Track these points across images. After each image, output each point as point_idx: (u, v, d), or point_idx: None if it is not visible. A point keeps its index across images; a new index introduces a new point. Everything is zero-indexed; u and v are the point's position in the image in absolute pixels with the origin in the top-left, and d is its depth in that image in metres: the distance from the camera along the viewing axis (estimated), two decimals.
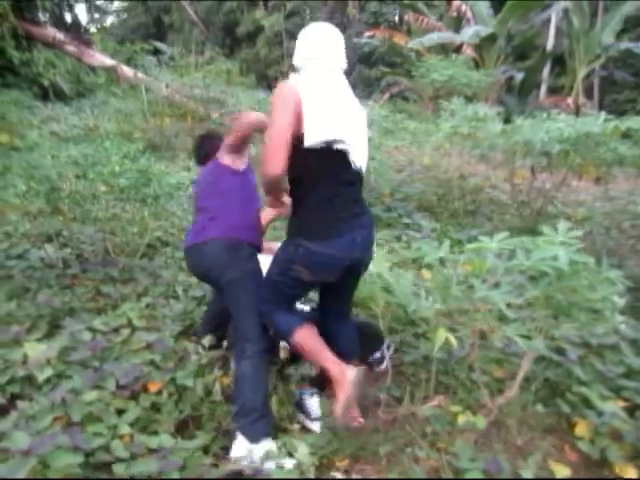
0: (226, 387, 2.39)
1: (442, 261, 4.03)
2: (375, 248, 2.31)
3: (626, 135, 3.99)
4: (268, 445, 2.05)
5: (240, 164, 2.46)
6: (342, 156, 2.01)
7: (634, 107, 15.88)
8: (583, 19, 13.58)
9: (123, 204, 3.42)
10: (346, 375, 2.04)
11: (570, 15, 13.93)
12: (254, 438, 2.04)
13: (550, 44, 19.73)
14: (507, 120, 5.81)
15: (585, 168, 4.22)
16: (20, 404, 1.94)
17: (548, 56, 16.61)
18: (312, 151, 1.95)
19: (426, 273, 4.13)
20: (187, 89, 9.11)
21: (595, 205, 5.62)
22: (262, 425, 2.09)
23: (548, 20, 18.58)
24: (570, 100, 14.45)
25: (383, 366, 2.78)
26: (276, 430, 2.22)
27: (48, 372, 2.16)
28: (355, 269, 2.13)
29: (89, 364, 2.34)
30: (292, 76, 2.15)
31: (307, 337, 2.13)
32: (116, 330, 2.68)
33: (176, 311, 3.05)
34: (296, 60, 2.18)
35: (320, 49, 2.11)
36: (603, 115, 3.87)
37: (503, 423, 2.35)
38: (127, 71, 10.03)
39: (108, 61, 10.31)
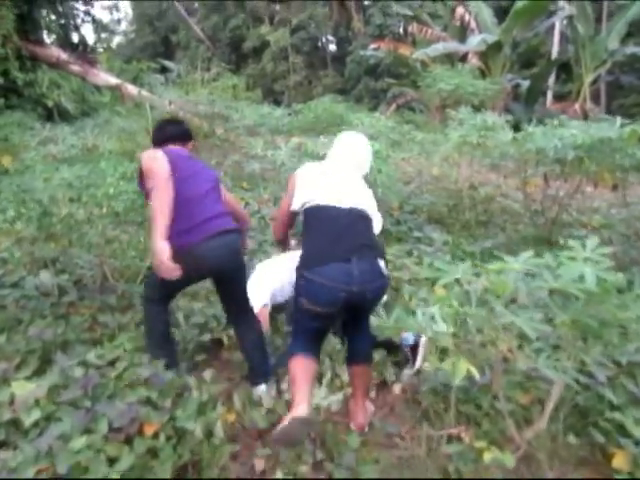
0: (229, 426, 2.22)
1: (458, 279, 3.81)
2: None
3: None
4: None
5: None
6: (320, 209, 2.35)
7: None
8: (588, 25, 13.44)
9: (119, 228, 3.26)
10: (297, 411, 2.05)
11: (575, 21, 13.80)
12: None
13: (555, 51, 19.62)
14: (515, 128, 5.65)
15: (600, 175, 4.03)
16: (2, 454, 1.77)
17: (554, 63, 16.48)
18: (299, 212, 2.49)
19: (439, 290, 3.96)
20: (192, 105, 9.04)
21: (611, 212, 5.41)
22: None
23: (552, 27, 18.49)
24: (577, 106, 14.28)
25: (419, 359, 2.85)
26: None
27: (36, 415, 1.99)
28: (359, 303, 2.24)
29: (80, 404, 2.16)
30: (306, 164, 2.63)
31: (297, 366, 2.24)
32: (112, 363, 2.51)
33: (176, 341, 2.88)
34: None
35: (338, 153, 2.61)
36: (619, 120, 3.68)
37: (533, 457, 2.15)
38: (131, 89, 9.99)
39: (113, 80, 10.28)
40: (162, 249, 2.25)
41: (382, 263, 2.28)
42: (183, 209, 2.39)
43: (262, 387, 2.63)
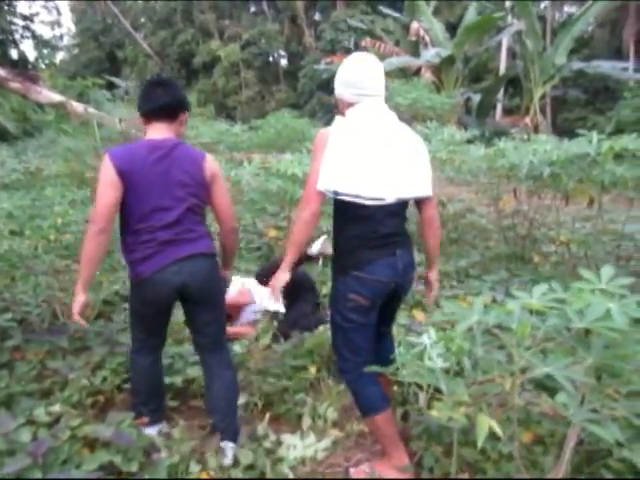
0: None
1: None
2: None
3: (618, 156, 3.75)
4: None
5: None
6: (361, 205, 2.03)
7: (585, 125, 16.21)
8: (537, 41, 13.85)
9: (68, 263, 2.91)
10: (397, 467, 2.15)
11: (524, 37, 14.19)
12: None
13: (502, 66, 20.19)
14: (469, 141, 5.60)
15: (577, 191, 3.97)
16: None
17: (504, 78, 16.93)
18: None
19: (418, 314, 3.79)
20: None
21: (582, 227, 5.40)
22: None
23: (499, 43, 19.04)
24: (528, 119, 14.66)
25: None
26: None
27: None
28: (397, 293, 2.20)
29: (29, 476, 1.84)
30: (336, 120, 2.15)
31: (387, 422, 2.16)
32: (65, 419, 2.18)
33: None
34: (346, 95, 2.15)
35: (371, 84, 2.11)
36: (595, 135, 3.62)
37: None
38: (77, 107, 9.51)
39: (57, 97, 9.76)
40: (77, 302, 2.09)
41: (414, 255, 2.26)
42: (134, 233, 2.08)
43: (229, 445, 2.23)
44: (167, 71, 30.98)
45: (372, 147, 2.06)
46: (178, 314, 3.58)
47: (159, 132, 2.14)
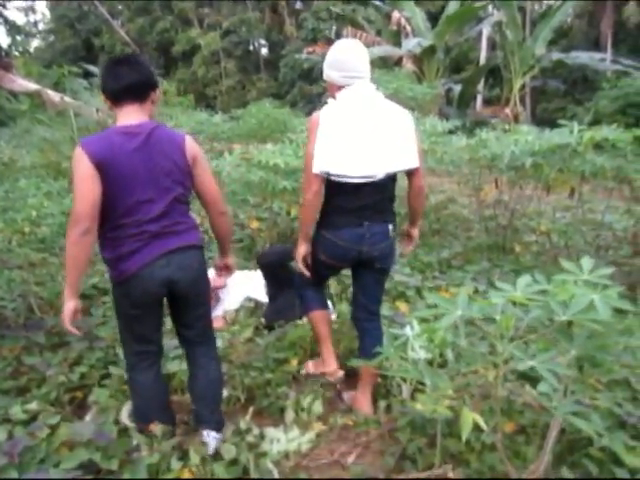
0: None
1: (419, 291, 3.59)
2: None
3: (598, 146, 3.78)
4: None
5: None
6: (347, 184, 2.28)
7: (564, 115, 16.39)
8: (517, 32, 13.90)
9: (45, 256, 2.84)
10: (329, 370, 2.66)
11: (504, 28, 14.23)
12: None
13: (483, 56, 20.27)
14: (450, 132, 5.60)
15: (558, 181, 3.99)
16: None
17: (484, 68, 16.99)
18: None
19: (402, 306, 3.78)
20: None
21: (562, 217, 5.45)
22: None
23: (480, 33, 19.10)
24: (508, 110, 14.75)
25: None
26: None
27: None
28: (367, 260, 2.41)
29: (5, 475, 1.79)
30: (329, 102, 2.35)
31: (318, 321, 2.65)
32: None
33: (115, 384, 2.52)
34: (335, 78, 2.34)
35: (358, 67, 2.30)
36: (576, 125, 3.64)
37: None
38: (53, 96, 9.26)
39: (32, 86, 9.49)
40: (67, 309, 1.89)
41: (390, 226, 2.41)
42: (118, 228, 1.94)
43: (213, 434, 2.20)
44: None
45: (360, 127, 2.25)
46: None
47: (132, 116, 1.97)
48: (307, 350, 3.01)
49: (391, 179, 2.39)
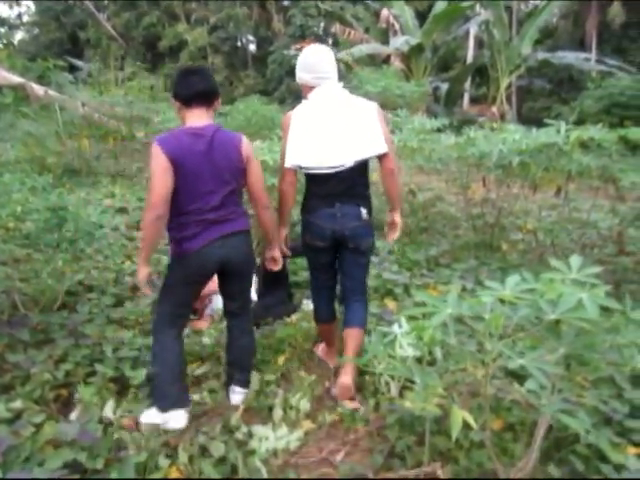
0: None
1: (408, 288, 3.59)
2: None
3: (584, 145, 3.81)
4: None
5: None
6: (315, 175, 2.57)
7: (550, 114, 16.55)
8: (504, 31, 13.98)
9: (29, 252, 2.79)
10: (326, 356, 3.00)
11: (491, 27, 14.31)
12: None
13: (470, 55, 20.37)
14: (438, 130, 5.62)
15: (545, 179, 4.02)
16: None
17: (471, 67, 17.07)
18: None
19: (390, 303, 3.79)
20: (108, 107, 8.38)
21: (548, 215, 5.49)
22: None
23: (467, 32, 19.18)
24: (495, 109, 14.85)
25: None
26: None
27: None
28: (342, 238, 2.62)
29: None
30: (303, 102, 2.62)
31: (322, 332, 2.95)
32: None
33: (101, 381, 2.49)
34: (306, 79, 2.60)
35: (326, 68, 2.58)
36: (564, 125, 3.67)
37: None
38: (37, 89, 9.10)
39: (15, 79, 9.32)
40: (142, 273, 2.29)
41: (362, 209, 2.62)
42: (185, 214, 2.30)
43: (237, 389, 2.59)
44: (132, 54, 30.17)
45: (327, 123, 2.51)
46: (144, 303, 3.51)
47: (199, 119, 2.33)
48: (296, 348, 3.00)
49: (362, 166, 2.62)
